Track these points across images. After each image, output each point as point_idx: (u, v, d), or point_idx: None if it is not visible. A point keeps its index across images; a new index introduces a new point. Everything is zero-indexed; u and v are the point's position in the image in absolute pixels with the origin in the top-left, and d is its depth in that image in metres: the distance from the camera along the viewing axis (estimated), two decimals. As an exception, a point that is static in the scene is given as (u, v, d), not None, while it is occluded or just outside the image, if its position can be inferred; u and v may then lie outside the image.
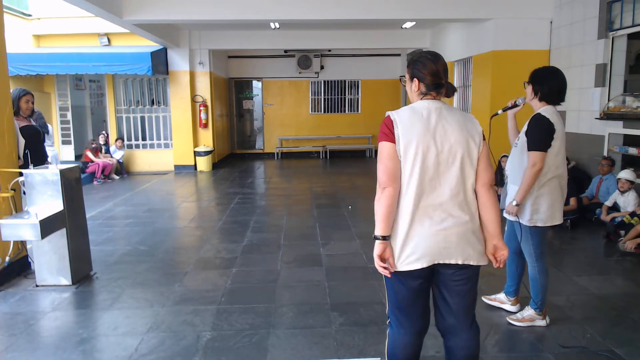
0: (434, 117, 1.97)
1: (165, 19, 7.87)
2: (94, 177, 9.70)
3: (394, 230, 1.98)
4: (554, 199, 2.98)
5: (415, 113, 1.98)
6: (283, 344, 3.00)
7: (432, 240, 1.94)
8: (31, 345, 3.04)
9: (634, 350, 2.88)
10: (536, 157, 2.85)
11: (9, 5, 9.27)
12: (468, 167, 1.97)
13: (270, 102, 14.00)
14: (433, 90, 2.02)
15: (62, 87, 10.85)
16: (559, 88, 2.98)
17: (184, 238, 5.72)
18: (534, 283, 3.13)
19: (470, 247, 1.97)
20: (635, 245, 4.73)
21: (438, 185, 1.95)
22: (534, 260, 3.08)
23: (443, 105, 2.02)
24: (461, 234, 1.95)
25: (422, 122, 1.95)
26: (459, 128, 1.96)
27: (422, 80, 2.03)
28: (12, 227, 3.60)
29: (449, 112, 2.00)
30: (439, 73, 2.01)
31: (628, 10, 5.95)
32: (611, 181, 5.93)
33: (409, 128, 1.94)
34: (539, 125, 2.90)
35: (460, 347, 2.11)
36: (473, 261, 1.99)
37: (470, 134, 1.98)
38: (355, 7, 7.52)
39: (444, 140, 1.94)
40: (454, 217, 1.95)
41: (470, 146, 1.96)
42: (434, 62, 2.02)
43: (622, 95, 6.19)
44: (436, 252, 1.95)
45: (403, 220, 1.96)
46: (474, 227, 1.99)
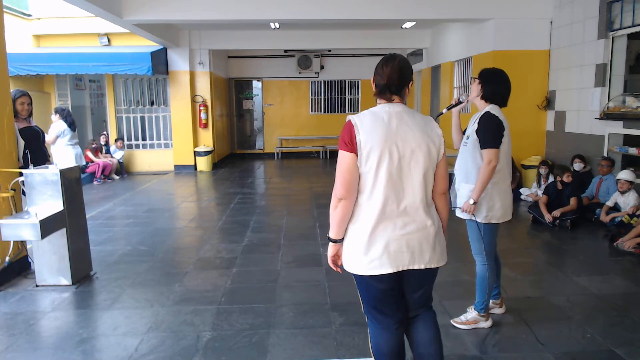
0: (394, 122, 1.95)
1: (165, 19, 7.87)
2: (94, 177, 9.70)
3: (357, 234, 2.00)
4: (506, 196, 3.04)
5: (377, 117, 1.96)
6: (283, 344, 3.00)
7: (395, 246, 1.96)
8: (31, 345, 3.04)
9: (634, 350, 2.88)
10: (491, 154, 2.87)
11: (9, 5, 9.27)
12: (430, 171, 1.99)
13: (270, 102, 14.00)
14: (386, 92, 2.01)
15: (62, 87, 10.85)
16: (503, 92, 3.02)
17: (184, 238, 5.72)
18: (482, 282, 3.11)
19: (432, 251, 2.01)
20: (634, 245, 4.73)
21: (401, 190, 1.95)
22: (484, 259, 3.08)
23: (404, 109, 2.00)
24: (423, 239, 1.99)
25: (383, 126, 1.94)
26: (420, 132, 1.96)
27: (377, 83, 2.03)
28: (12, 227, 3.60)
29: (410, 116, 1.99)
30: (390, 75, 1.99)
31: (628, 10, 5.95)
32: (611, 181, 5.93)
33: (370, 133, 1.92)
34: (491, 123, 2.92)
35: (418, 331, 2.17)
36: (434, 264, 2.04)
37: (431, 138, 1.98)
38: (355, 7, 7.51)
39: (405, 144, 1.93)
40: (416, 222, 1.97)
41: (431, 150, 1.97)
42: (385, 64, 2.01)
43: (622, 95, 6.19)
44: (399, 258, 1.97)
45: (366, 225, 1.97)
46: (436, 230, 2.03)
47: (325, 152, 13.72)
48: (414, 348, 2.20)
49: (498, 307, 3.37)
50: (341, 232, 2.05)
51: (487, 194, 2.96)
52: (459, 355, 2.85)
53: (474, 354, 2.86)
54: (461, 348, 2.93)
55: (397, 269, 1.98)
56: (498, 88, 3.01)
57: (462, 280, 4.06)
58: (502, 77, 3.04)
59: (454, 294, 3.76)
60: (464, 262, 4.52)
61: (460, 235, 5.70)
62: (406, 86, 2.04)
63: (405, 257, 1.97)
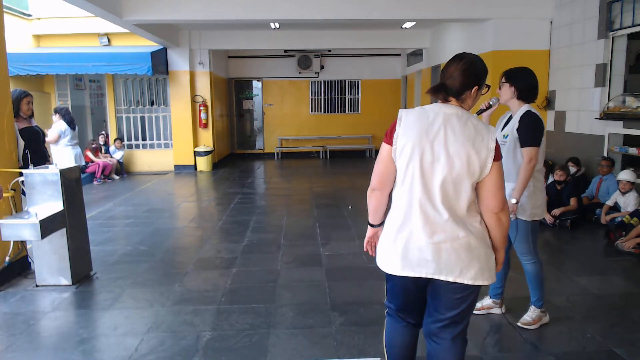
0: (438, 123, 1.85)
1: (165, 19, 7.87)
2: (94, 177, 9.70)
3: (388, 228, 1.97)
4: (544, 193, 3.10)
5: (423, 114, 1.89)
6: (283, 344, 3.00)
7: (422, 252, 1.87)
8: (31, 345, 3.04)
9: (634, 351, 2.88)
10: (532, 152, 2.89)
11: (9, 5, 9.26)
12: (465, 183, 1.84)
13: (270, 102, 14.00)
14: (440, 92, 1.92)
15: (62, 87, 10.85)
16: (535, 86, 3.06)
17: (184, 238, 5.72)
18: (535, 279, 3.12)
19: (464, 265, 1.86)
20: (634, 245, 4.73)
21: (432, 195, 1.85)
22: (533, 256, 3.08)
23: (457, 112, 1.88)
24: (453, 250, 1.85)
25: (424, 124, 1.86)
26: (463, 140, 1.82)
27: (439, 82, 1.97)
28: (12, 227, 3.60)
29: (460, 121, 1.86)
30: (452, 74, 1.91)
31: (628, 10, 5.95)
32: (611, 181, 5.93)
33: (409, 128, 1.87)
34: (533, 122, 2.95)
35: (438, 356, 2.04)
36: (467, 280, 1.87)
37: (476, 149, 1.82)
38: (355, 7, 7.52)
39: (442, 148, 1.83)
40: (445, 232, 1.84)
41: (472, 162, 1.82)
42: (451, 63, 1.94)
43: (622, 95, 6.19)
44: (423, 264, 1.87)
45: (395, 222, 1.93)
46: (473, 244, 1.86)
47: (325, 152, 13.72)
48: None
49: (498, 307, 3.38)
50: (377, 218, 2.06)
51: (529, 192, 2.97)
52: (459, 355, 2.84)
53: (474, 354, 2.87)
54: (461, 348, 2.92)
55: (419, 275, 1.89)
56: (530, 84, 3.03)
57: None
58: (530, 73, 3.06)
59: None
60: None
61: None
62: (468, 89, 1.91)
63: (430, 265, 1.86)
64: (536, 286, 3.15)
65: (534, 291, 3.17)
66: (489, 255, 1.93)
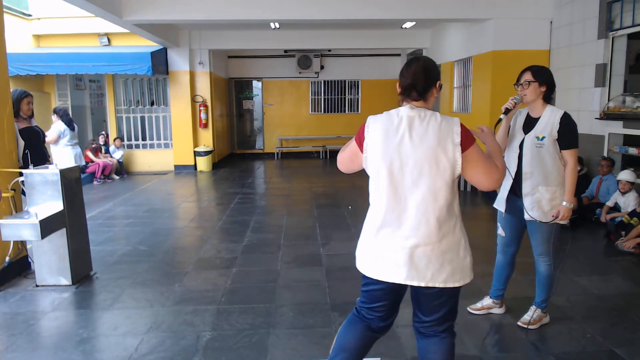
0: (402, 127, 1.86)
1: (165, 19, 7.86)
2: (94, 177, 9.70)
3: (365, 231, 2.02)
4: None
5: (389, 121, 1.91)
6: (283, 344, 3.00)
7: (393, 257, 1.89)
8: (31, 345, 3.04)
9: (634, 350, 2.88)
10: (576, 155, 2.90)
11: (9, 5, 9.26)
12: (439, 183, 1.83)
13: (270, 102, 14.00)
14: (412, 92, 1.92)
15: (62, 87, 10.85)
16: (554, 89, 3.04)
17: (184, 238, 5.72)
18: (546, 281, 3.11)
19: (435, 269, 1.88)
20: (634, 245, 4.73)
21: (404, 200, 1.86)
22: (550, 258, 3.07)
23: (419, 114, 1.88)
24: (424, 255, 1.87)
25: (389, 132, 1.87)
26: (428, 141, 1.83)
27: (402, 85, 1.96)
28: (12, 227, 3.60)
29: (423, 121, 1.86)
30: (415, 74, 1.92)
31: (628, 10, 5.95)
32: (611, 181, 5.93)
33: (376, 136, 1.90)
34: (573, 123, 2.91)
35: (428, 351, 2.06)
36: (438, 283, 1.89)
37: (442, 148, 1.82)
38: (355, 7, 7.52)
39: (409, 153, 1.84)
40: (418, 237, 1.86)
41: (440, 161, 1.82)
42: (409, 65, 1.96)
43: (622, 95, 6.19)
44: (394, 270, 1.90)
45: (372, 227, 1.97)
46: (444, 248, 1.88)
47: (326, 152, 13.71)
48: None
49: (498, 307, 3.38)
50: None
51: (561, 196, 2.94)
52: (459, 355, 2.84)
53: (474, 353, 2.86)
54: (461, 348, 2.92)
55: (391, 280, 1.92)
56: (554, 83, 3.00)
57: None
58: (551, 73, 3.03)
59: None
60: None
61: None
62: (433, 86, 1.94)
63: (402, 270, 1.89)
64: (545, 288, 3.13)
65: (541, 292, 3.16)
66: (463, 256, 1.94)
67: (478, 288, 3.87)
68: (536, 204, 2.97)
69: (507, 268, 3.30)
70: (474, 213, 6.90)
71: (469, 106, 8.88)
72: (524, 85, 2.98)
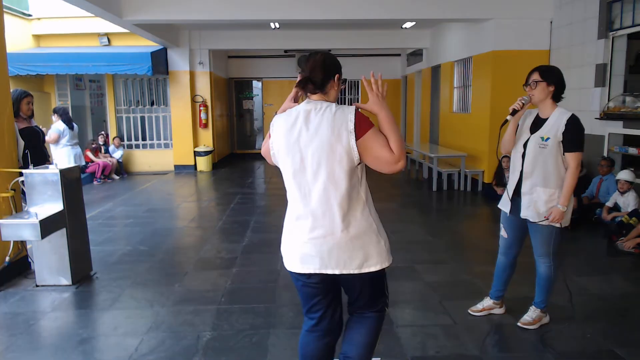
0: (299, 122, 1.90)
1: (165, 19, 7.87)
2: (94, 177, 9.70)
3: (284, 228, 2.05)
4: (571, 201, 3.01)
5: (288, 117, 1.95)
6: (283, 344, 3.00)
7: (305, 248, 1.94)
8: (31, 345, 3.04)
9: (634, 350, 2.88)
10: (579, 158, 2.86)
11: (9, 5, 9.27)
12: (338, 172, 1.86)
13: (270, 102, 13.99)
14: (308, 84, 1.94)
15: (62, 87, 10.85)
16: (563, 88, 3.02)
17: (184, 238, 5.72)
18: (547, 282, 3.11)
19: (347, 257, 1.91)
20: (634, 245, 4.73)
21: (308, 192, 1.91)
22: (550, 261, 3.06)
23: (314, 107, 1.91)
24: (335, 243, 1.90)
25: (288, 128, 1.92)
26: (323, 132, 1.85)
27: (301, 78, 1.97)
28: (12, 227, 3.60)
29: (317, 113, 1.89)
30: (313, 67, 1.94)
31: (628, 10, 5.95)
32: (611, 181, 5.93)
33: (279, 133, 1.95)
34: (581, 127, 2.89)
35: (352, 329, 2.13)
36: (352, 269, 1.93)
37: (337, 136, 1.84)
38: (355, 7, 7.52)
39: (307, 146, 1.88)
40: (324, 227, 1.90)
41: (336, 150, 1.84)
42: (308, 59, 1.97)
43: (622, 95, 6.19)
44: (309, 261, 1.94)
45: (286, 222, 2.03)
46: (353, 234, 1.90)
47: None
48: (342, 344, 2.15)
49: (498, 307, 3.37)
50: None
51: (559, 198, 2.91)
52: (459, 355, 2.85)
53: (474, 354, 2.86)
54: (461, 348, 2.92)
55: (308, 271, 1.96)
56: (564, 83, 2.99)
57: (462, 280, 4.06)
58: (560, 72, 3.03)
59: (454, 294, 3.75)
60: (463, 262, 4.52)
61: (459, 235, 5.71)
62: (330, 79, 1.95)
63: (315, 260, 1.93)
64: (544, 289, 3.14)
65: (540, 293, 3.16)
66: (377, 241, 1.95)
67: (479, 288, 3.88)
68: (532, 204, 2.97)
69: (508, 269, 3.29)
70: (473, 213, 6.90)
71: (469, 106, 8.88)
72: (532, 85, 2.97)
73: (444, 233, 5.60)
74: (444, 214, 6.73)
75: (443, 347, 2.92)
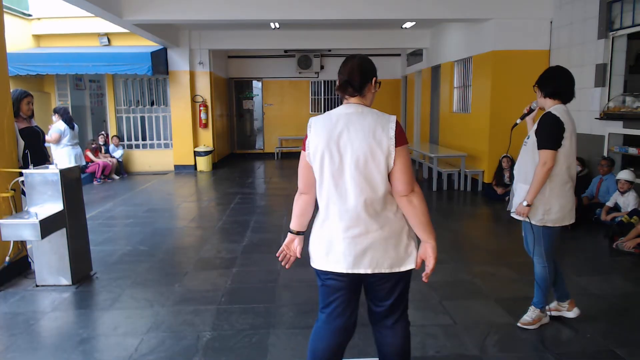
0: (340, 124, 1.95)
1: (165, 19, 7.87)
2: (94, 177, 9.70)
3: (313, 228, 2.09)
4: (567, 199, 2.96)
5: (328, 119, 1.99)
6: (283, 344, 3.00)
7: (339, 247, 1.96)
8: (31, 345, 3.04)
9: (634, 350, 2.88)
10: (547, 155, 2.84)
11: (9, 5, 9.27)
12: (375, 174, 1.91)
13: (270, 102, 14.00)
14: (347, 88, 1.99)
15: (62, 87, 10.85)
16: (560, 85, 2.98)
17: (184, 238, 5.72)
18: (541, 283, 3.10)
19: (379, 256, 1.95)
20: (634, 245, 4.73)
21: (344, 192, 1.94)
22: (543, 260, 3.05)
23: (356, 111, 1.96)
24: (369, 243, 1.94)
25: (328, 128, 1.96)
26: (365, 135, 1.91)
27: (340, 81, 2.03)
28: (12, 227, 3.60)
29: (360, 117, 1.94)
30: (351, 71, 1.99)
31: (628, 10, 5.95)
32: (611, 181, 5.93)
33: (317, 134, 1.97)
34: (548, 124, 2.89)
35: (383, 343, 2.15)
36: (384, 269, 1.97)
37: (378, 141, 1.90)
38: (355, 7, 7.51)
39: (346, 147, 1.92)
40: (359, 226, 1.94)
41: (376, 154, 1.90)
42: (346, 63, 2.03)
43: (622, 95, 6.19)
44: (342, 260, 1.96)
45: (317, 221, 2.06)
46: (386, 235, 1.96)
47: (325, 152, 13.70)
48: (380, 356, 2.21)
49: (567, 310, 3.26)
50: (299, 225, 2.15)
51: (544, 197, 2.92)
52: (459, 355, 2.85)
53: (474, 354, 2.86)
54: (461, 348, 2.93)
55: (340, 270, 1.99)
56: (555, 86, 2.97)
57: (461, 280, 4.06)
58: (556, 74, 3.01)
59: (454, 294, 3.76)
60: (463, 262, 4.52)
61: (459, 235, 5.70)
62: (368, 83, 2.01)
63: (348, 260, 1.96)
64: (539, 289, 3.14)
65: (536, 292, 3.16)
66: (407, 243, 2.00)
67: (479, 288, 3.88)
68: (514, 199, 3.09)
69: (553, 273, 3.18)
70: (473, 213, 6.90)
71: (469, 106, 8.88)
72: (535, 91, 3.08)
73: (444, 233, 5.60)
74: (444, 214, 6.73)
75: (443, 347, 2.93)
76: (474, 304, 3.55)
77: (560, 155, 2.88)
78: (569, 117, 2.93)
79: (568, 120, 2.91)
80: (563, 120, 2.88)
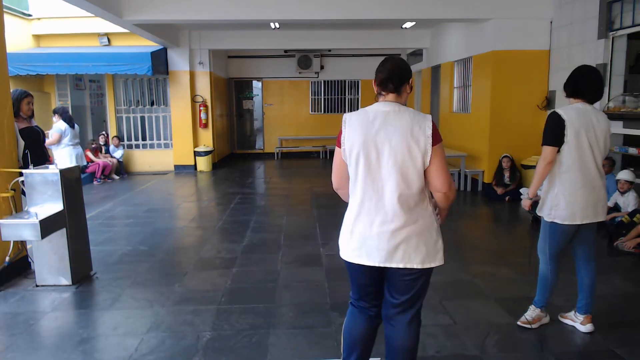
0: (378, 121, 2.00)
1: (165, 19, 7.87)
2: (94, 177, 9.70)
3: (345, 221, 2.14)
4: (576, 197, 2.89)
5: (364, 115, 2.04)
6: (283, 344, 3.00)
7: (372, 241, 2.02)
8: (31, 345, 3.04)
9: (634, 351, 2.88)
10: (547, 151, 2.91)
11: (9, 5, 9.26)
12: (411, 171, 1.98)
13: (270, 102, 14.00)
14: (388, 85, 2.06)
15: (62, 87, 10.85)
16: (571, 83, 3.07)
17: (184, 238, 5.72)
18: (543, 281, 3.12)
19: (412, 251, 2.01)
20: (634, 245, 4.73)
21: (381, 187, 2.00)
22: (546, 259, 3.07)
23: (393, 109, 2.02)
24: (403, 238, 2.00)
25: (365, 125, 2.01)
26: (402, 132, 1.97)
27: (379, 79, 2.09)
28: (12, 227, 3.60)
29: (397, 115, 2.01)
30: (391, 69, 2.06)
31: (628, 10, 5.95)
32: (611, 181, 5.92)
33: (353, 130, 2.02)
34: (548, 121, 2.97)
35: (394, 337, 2.19)
36: (416, 264, 2.03)
37: (415, 139, 1.96)
38: (355, 7, 7.51)
39: (384, 144, 1.97)
40: (395, 221, 1.99)
41: (413, 151, 1.96)
42: (385, 62, 2.10)
43: (622, 95, 6.19)
44: (375, 253, 2.02)
45: (350, 215, 2.10)
46: (419, 230, 2.02)
47: (325, 152, 13.71)
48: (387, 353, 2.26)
49: (580, 323, 3.13)
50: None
51: (551, 192, 2.96)
52: (459, 355, 2.85)
53: (474, 354, 2.86)
54: (461, 348, 2.93)
55: (373, 264, 2.04)
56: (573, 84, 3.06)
57: (461, 280, 4.06)
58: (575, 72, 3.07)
59: (454, 294, 3.76)
60: (463, 262, 4.52)
61: (459, 235, 5.70)
62: (405, 82, 2.08)
63: (381, 254, 2.01)
64: (540, 287, 3.15)
65: (538, 290, 3.17)
66: (436, 239, 2.09)
67: (479, 288, 3.88)
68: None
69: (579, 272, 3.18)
70: (473, 213, 6.89)
71: (469, 106, 8.88)
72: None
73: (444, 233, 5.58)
74: (444, 214, 6.72)
75: (443, 347, 2.93)
76: (474, 304, 3.55)
77: (564, 151, 2.87)
78: (578, 114, 2.89)
79: (574, 117, 2.87)
80: (565, 117, 2.87)
